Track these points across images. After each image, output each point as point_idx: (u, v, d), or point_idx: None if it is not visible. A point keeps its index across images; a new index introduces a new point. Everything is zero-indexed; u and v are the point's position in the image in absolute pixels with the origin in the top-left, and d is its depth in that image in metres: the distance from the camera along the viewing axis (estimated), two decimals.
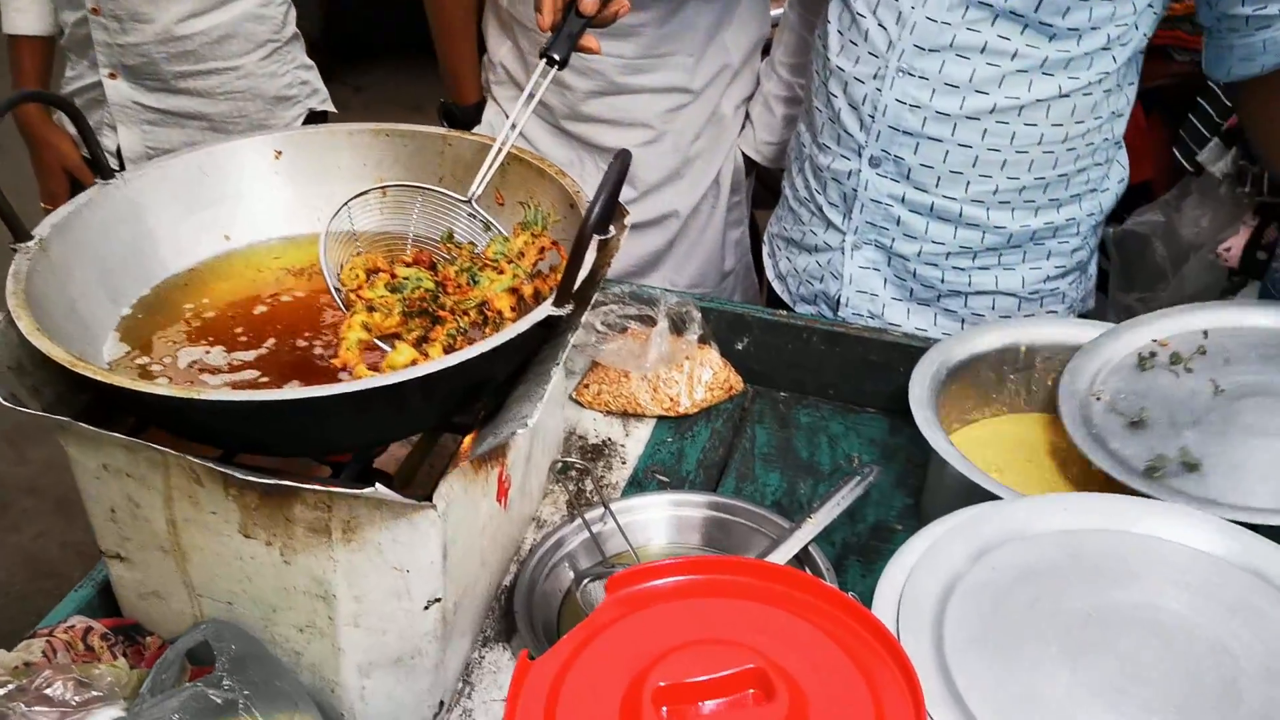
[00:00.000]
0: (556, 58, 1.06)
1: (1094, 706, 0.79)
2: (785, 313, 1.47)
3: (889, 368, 1.36)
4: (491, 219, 1.06)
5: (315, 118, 2.05)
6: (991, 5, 1.23)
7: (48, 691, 0.87)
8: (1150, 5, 1.26)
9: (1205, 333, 1.18)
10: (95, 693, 0.87)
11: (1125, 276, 1.84)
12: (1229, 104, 1.62)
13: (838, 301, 1.50)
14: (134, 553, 0.95)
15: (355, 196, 1.02)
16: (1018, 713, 0.79)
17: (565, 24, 1.06)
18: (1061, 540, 0.93)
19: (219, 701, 0.84)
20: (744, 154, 1.77)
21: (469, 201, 1.05)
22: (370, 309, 0.93)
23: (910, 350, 1.32)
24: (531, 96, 1.07)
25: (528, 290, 0.97)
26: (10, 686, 0.86)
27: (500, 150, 1.04)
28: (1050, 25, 1.23)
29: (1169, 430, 1.08)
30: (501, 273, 0.96)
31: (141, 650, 0.98)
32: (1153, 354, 1.18)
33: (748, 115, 1.75)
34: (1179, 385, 1.13)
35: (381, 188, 1.06)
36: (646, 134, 1.67)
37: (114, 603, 1.02)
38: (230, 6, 1.83)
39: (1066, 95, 1.28)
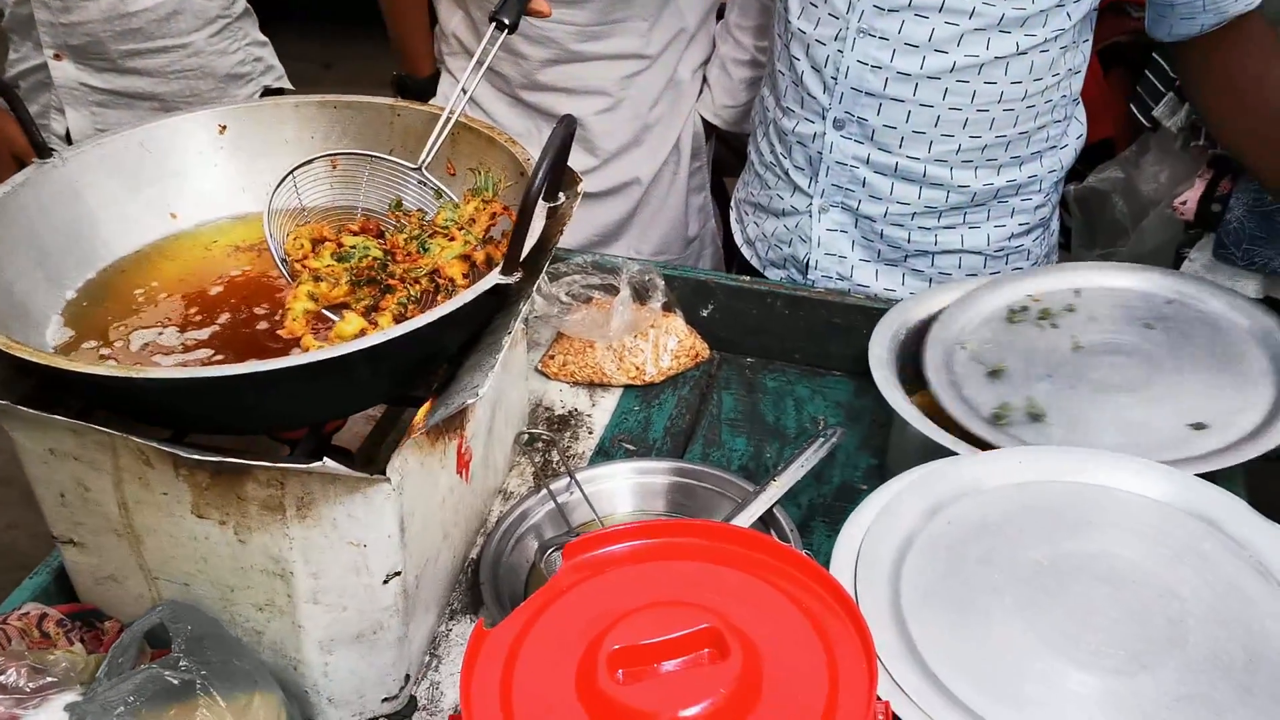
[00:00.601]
0: (505, 21, 1.04)
1: (1047, 654, 0.80)
2: (748, 278, 1.47)
3: (853, 330, 1.36)
4: (442, 186, 1.04)
5: (271, 95, 2.01)
6: None
7: (1, 679, 0.86)
8: None
9: (1077, 291, 1.22)
10: (50, 679, 0.87)
11: (1087, 233, 1.85)
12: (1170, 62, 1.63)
13: (806, 264, 1.50)
14: (87, 537, 0.94)
15: (300, 165, 1.00)
16: (972, 663, 0.80)
17: None
18: (1014, 493, 0.94)
19: (175, 683, 0.83)
20: (703, 119, 1.76)
21: (418, 169, 1.04)
22: (316, 279, 0.92)
23: (873, 312, 1.32)
24: (481, 63, 1.06)
25: (480, 257, 0.96)
26: None
27: (450, 117, 1.03)
28: None
29: (1023, 381, 1.12)
30: (452, 239, 0.95)
31: (100, 635, 0.97)
32: (1024, 308, 1.22)
33: (705, 80, 1.74)
34: (1041, 339, 1.17)
35: (328, 156, 1.04)
36: (604, 101, 1.65)
37: (71, 589, 1.01)
38: None
39: (1024, 53, 1.28)
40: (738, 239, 1.63)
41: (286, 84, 2.05)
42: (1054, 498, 0.94)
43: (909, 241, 1.43)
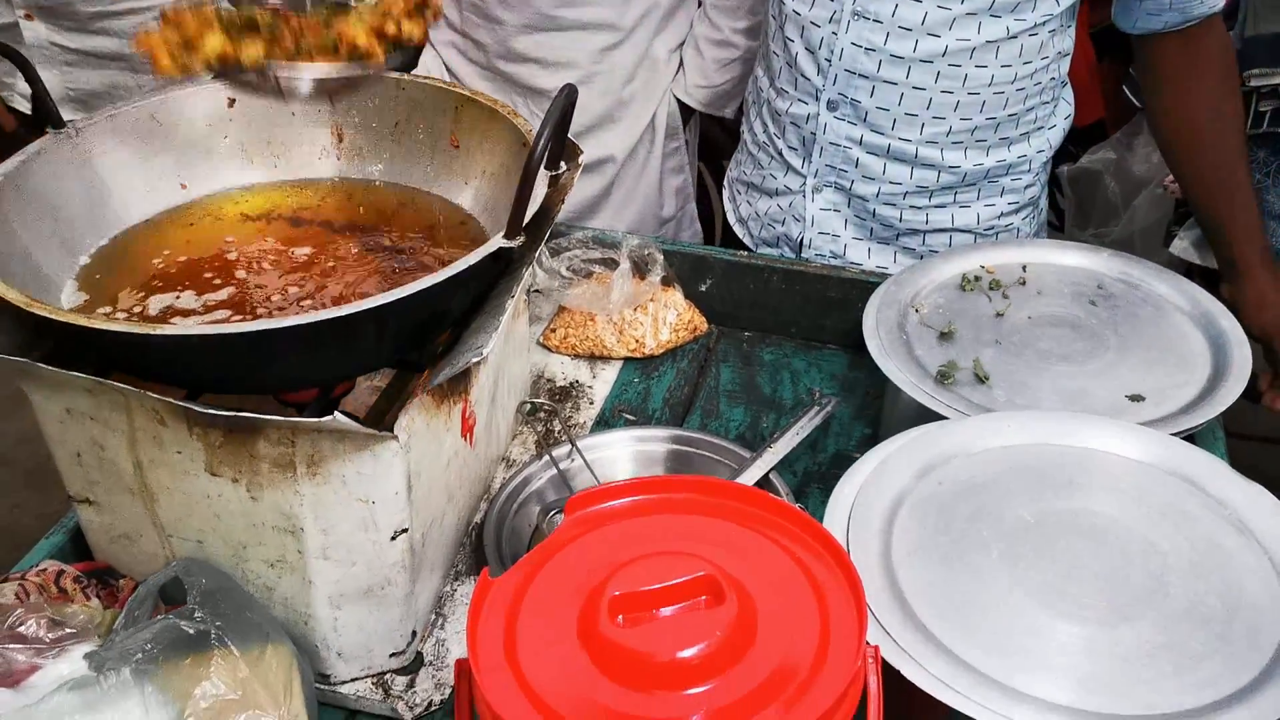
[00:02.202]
0: None
1: (1031, 605, 0.83)
2: (746, 253, 1.49)
3: (848, 304, 1.38)
4: None
5: None
6: None
7: (21, 629, 0.89)
8: None
9: (1024, 266, 1.28)
10: (69, 630, 0.90)
11: (1081, 213, 1.88)
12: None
13: (800, 244, 1.52)
14: (102, 496, 0.97)
15: None
16: (958, 613, 0.83)
17: None
18: (1003, 455, 0.97)
19: (191, 632, 0.86)
20: (679, 100, 1.78)
21: None
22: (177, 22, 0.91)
23: (867, 286, 1.34)
24: None
25: (390, 28, 0.94)
26: None
27: None
28: None
29: (971, 346, 1.16)
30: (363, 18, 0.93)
31: (115, 593, 1.00)
32: (977, 278, 1.26)
33: (682, 60, 1.77)
34: (991, 308, 1.22)
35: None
36: (577, 74, 1.68)
37: (85, 547, 1.04)
38: None
39: (1014, 37, 1.31)
40: (730, 218, 1.66)
41: None
42: (1040, 459, 0.97)
43: (901, 220, 1.46)
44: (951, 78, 1.33)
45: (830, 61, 1.37)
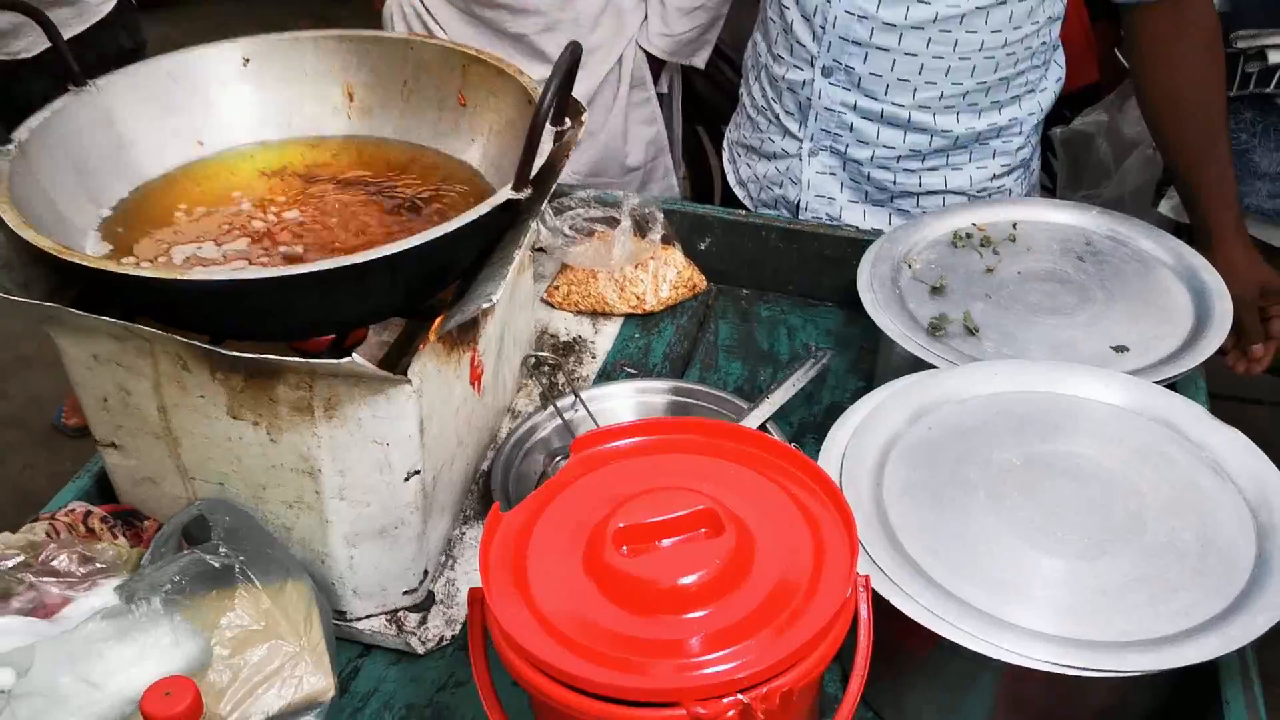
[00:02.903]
0: None
1: (1016, 541, 0.87)
2: (744, 212, 1.53)
3: (843, 261, 1.42)
4: None
5: (123, 5, 2.15)
6: None
7: (54, 564, 0.93)
8: None
9: (1014, 224, 1.31)
10: (99, 565, 0.94)
11: (1072, 175, 1.91)
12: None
13: (797, 206, 1.55)
14: (127, 440, 1.01)
15: None
16: (946, 548, 0.87)
17: None
18: (991, 402, 1.01)
19: (217, 566, 0.90)
20: (645, 50, 1.84)
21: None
22: None
23: (862, 244, 1.37)
24: None
25: None
26: (18, 559, 0.92)
27: None
28: None
29: (962, 299, 1.20)
30: None
31: (139, 533, 1.04)
32: (968, 235, 1.30)
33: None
34: (981, 264, 1.26)
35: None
36: (542, 21, 1.75)
37: (110, 491, 1.08)
38: None
39: (1003, 2, 1.34)
40: (730, 180, 1.69)
41: None
42: (1027, 405, 1.01)
43: (895, 183, 1.49)
44: (942, 43, 1.36)
45: (824, 29, 1.39)
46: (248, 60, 1.14)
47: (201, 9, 4.97)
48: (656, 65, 1.86)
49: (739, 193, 1.66)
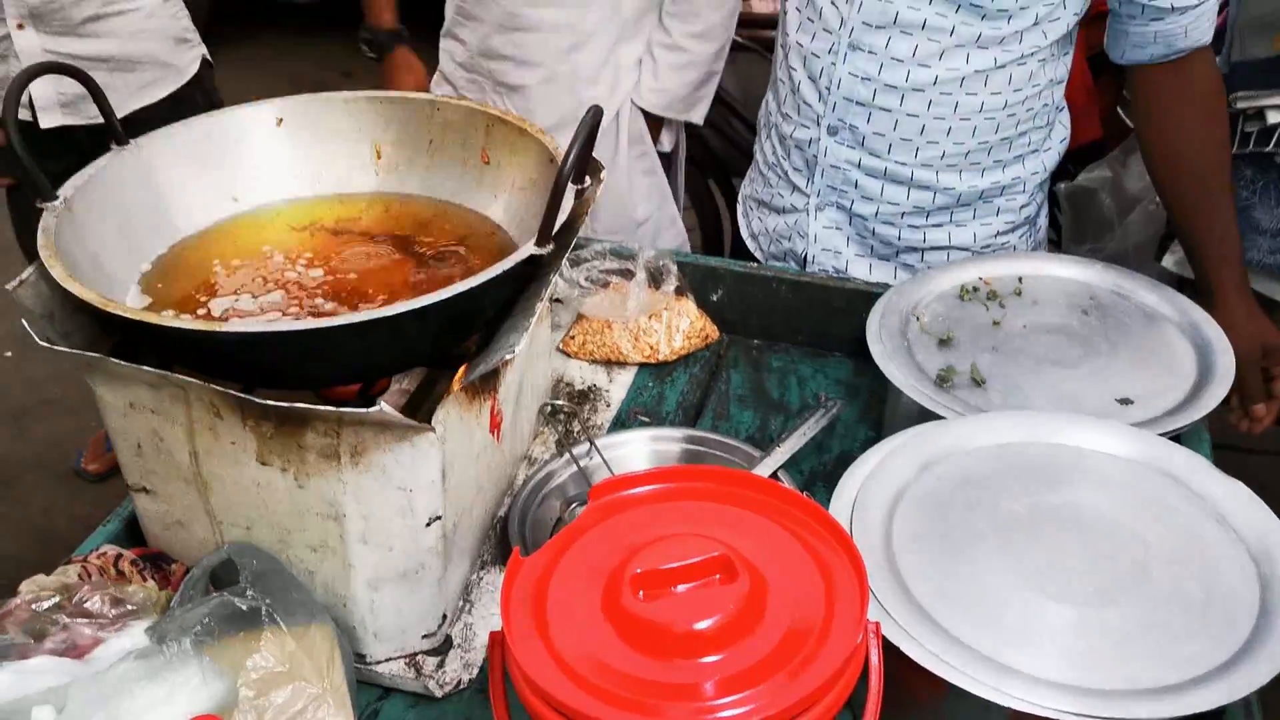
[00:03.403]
0: None
1: (1023, 589, 0.90)
2: (756, 264, 1.57)
3: (852, 313, 1.45)
4: None
5: (205, 65, 2.21)
6: None
7: (87, 605, 0.96)
8: None
9: (1020, 278, 1.35)
10: (130, 606, 0.97)
11: (1077, 229, 1.94)
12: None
13: (805, 259, 1.59)
14: (158, 485, 1.04)
15: None
16: (954, 595, 0.89)
17: None
18: (998, 452, 1.04)
19: (244, 609, 0.93)
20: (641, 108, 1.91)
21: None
22: None
23: (871, 296, 1.41)
24: None
25: None
26: (53, 600, 0.95)
27: None
28: (981, 6, 1.33)
29: (969, 351, 1.23)
30: None
31: (167, 576, 1.07)
32: (975, 289, 1.34)
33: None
34: (988, 317, 1.30)
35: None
36: (543, 72, 1.82)
37: (140, 535, 1.11)
38: None
39: (1002, 67, 1.38)
40: (743, 233, 1.73)
41: (208, 56, 2.24)
42: (1033, 456, 1.03)
43: (899, 239, 1.54)
44: (943, 105, 1.41)
45: (830, 89, 1.45)
46: (281, 120, 1.19)
47: (231, 60, 5.09)
48: (656, 123, 1.93)
49: (750, 245, 1.71)
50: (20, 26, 1.90)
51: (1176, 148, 1.40)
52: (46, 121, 1.99)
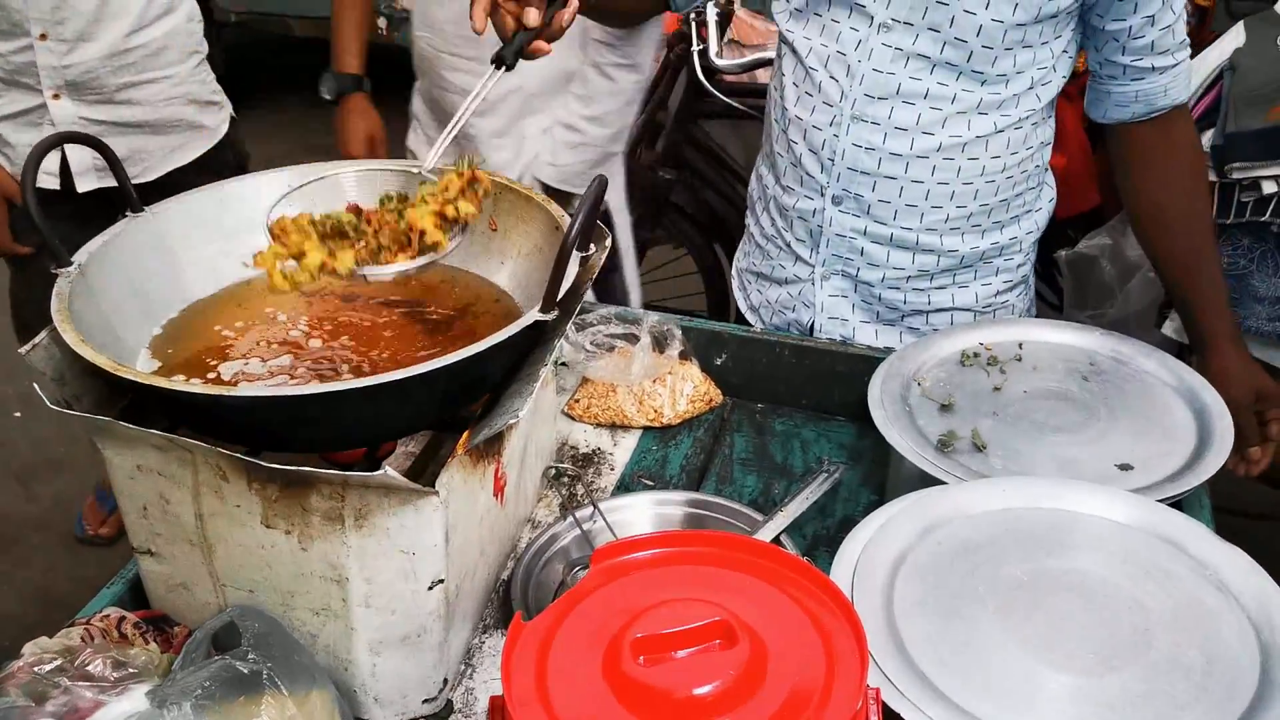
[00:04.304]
0: (507, 62, 1.18)
1: (1023, 656, 0.89)
2: (759, 329, 1.58)
3: (854, 377, 1.46)
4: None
5: (233, 124, 2.29)
6: (929, 57, 1.37)
7: (89, 669, 0.96)
8: (1065, 52, 1.41)
9: (1020, 344, 1.36)
10: (132, 670, 0.97)
11: (1078, 295, 1.96)
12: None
13: (811, 328, 1.61)
14: (163, 547, 1.05)
15: (308, 182, 1.15)
16: (955, 662, 0.89)
17: (515, 37, 1.17)
18: (999, 518, 1.04)
19: (245, 672, 0.93)
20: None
21: (421, 171, 1.16)
22: (284, 233, 1.06)
23: (872, 361, 1.42)
24: (480, 96, 1.19)
25: (451, 212, 1.09)
26: (55, 664, 0.96)
27: (458, 122, 1.15)
28: (981, 73, 1.38)
29: (970, 417, 1.24)
30: (426, 202, 1.09)
31: (170, 639, 1.08)
32: (976, 354, 1.35)
33: None
34: (989, 382, 1.31)
35: (337, 173, 1.17)
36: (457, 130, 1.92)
37: (143, 597, 1.11)
38: (164, 21, 2.02)
39: (1001, 131, 1.42)
40: (741, 306, 1.75)
41: (234, 114, 2.32)
42: (1034, 521, 1.04)
43: (905, 303, 1.55)
44: (946, 170, 1.44)
45: (833, 161, 1.47)
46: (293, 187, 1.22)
47: (249, 119, 5.19)
48: (563, 195, 2.03)
49: (751, 318, 1.72)
50: (56, 96, 1.96)
51: (1160, 201, 1.44)
52: (83, 186, 2.05)
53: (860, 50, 1.40)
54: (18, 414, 3.30)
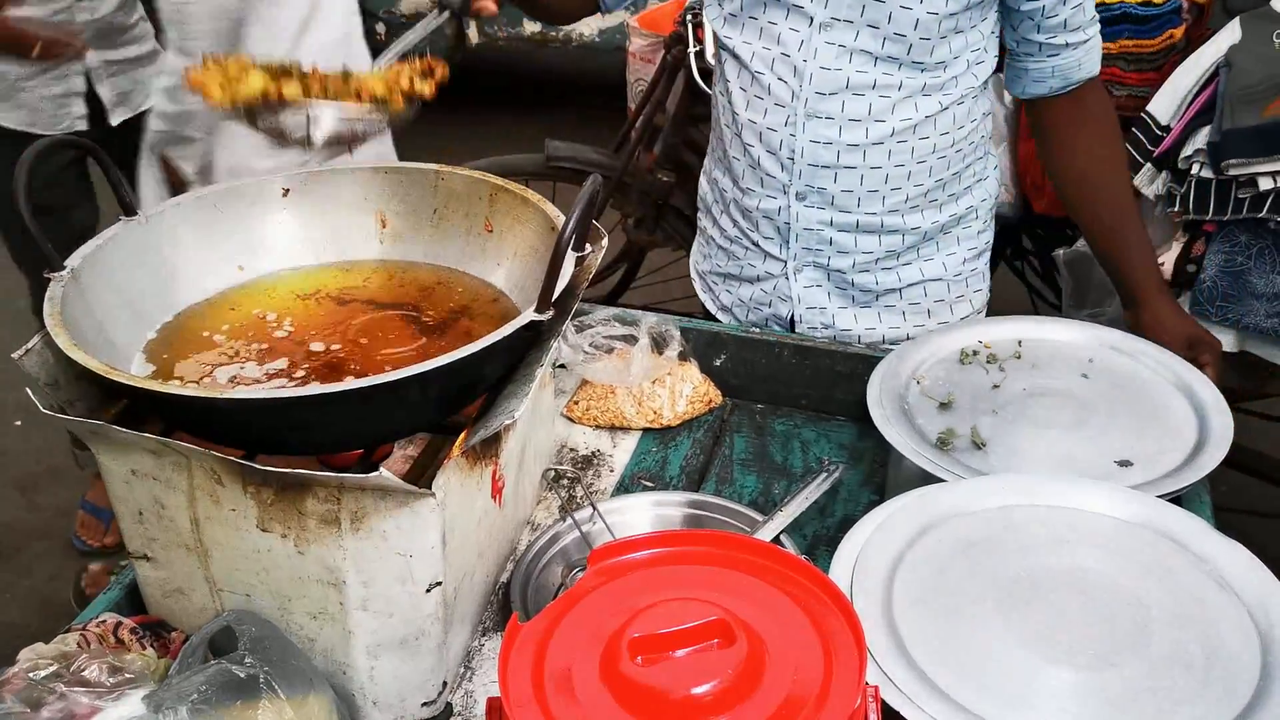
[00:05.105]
0: (453, 5, 1.17)
1: (1023, 652, 0.89)
2: (758, 330, 1.58)
3: (854, 377, 1.46)
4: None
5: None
6: (871, 52, 1.41)
7: (85, 674, 0.96)
8: (993, 32, 1.47)
9: (1019, 341, 1.36)
10: (128, 675, 0.97)
11: (1077, 294, 1.96)
12: (1159, 132, 1.78)
13: (792, 320, 1.61)
14: (159, 552, 1.04)
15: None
16: (954, 659, 0.88)
17: None
18: (998, 515, 1.04)
19: (242, 676, 0.92)
20: None
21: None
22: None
23: (872, 360, 1.42)
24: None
25: (404, 85, 1.09)
26: (51, 669, 0.95)
27: (399, 48, 1.15)
28: (921, 62, 1.42)
29: (969, 415, 1.24)
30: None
31: (166, 644, 1.07)
32: (975, 352, 1.35)
33: None
34: (988, 380, 1.31)
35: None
36: None
37: (140, 602, 1.11)
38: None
39: (946, 109, 1.47)
40: (710, 307, 1.75)
41: None
42: (1033, 518, 1.03)
43: (877, 284, 1.57)
44: (902, 152, 1.47)
45: (793, 159, 1.49)
46: (287, 191, 1.22)
47: None
48: None
49: (723, 318, 1.72)
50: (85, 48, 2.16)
51: (1082, 167, 1.51)
52: (116, 119, 2.34)
53: (804, 50, 1.42)
54: (18, 422, 3.29)
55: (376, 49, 2.26)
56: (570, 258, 1.03)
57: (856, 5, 1.38)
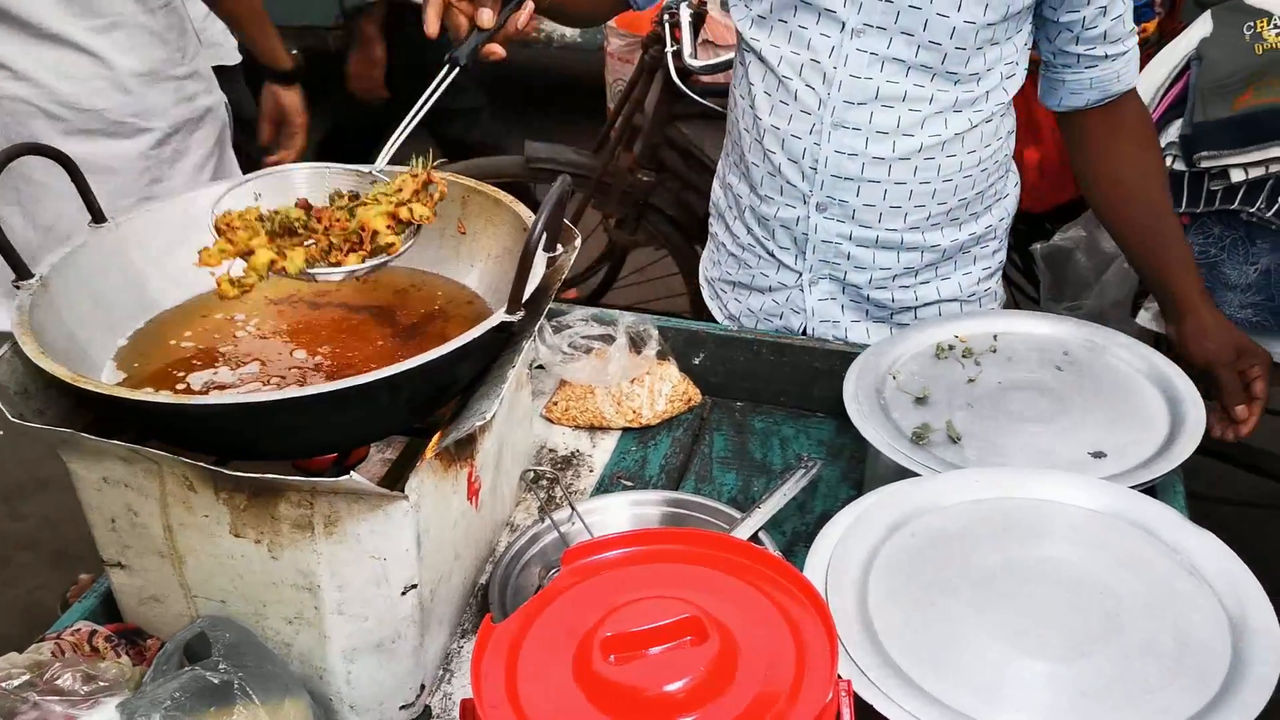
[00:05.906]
0: (461, 61, 1.16)
1: (997, 644, 0.89)
2: (736, 328, 1.58)
3: (833, 374, 1.46)
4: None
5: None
6: (904, 60, 1.38)
7: (58, 683, 0.95)
8: (1026, 45, 1.44)
9: (995, 335, 1.36)
10: (102, 683, 0.96)
11: (1054, 287, 1.97)
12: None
13: (803, 333, 1.60)
14: (133, 560, 1.04)
15: (256, 177, 1.12)
16: (928, 652, 0.89)
17: (470, 36, 1.16)
18: (971, 508, 1.04)
19: (216, 682, 0.92)
20: None
21: (372, 172, 1.14)
22: (231, 229, 1.04)
23: (850, 357, 1.42)
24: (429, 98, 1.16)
25: (405, 214, 1.06)
26: (24, 678, 0.95)
27: (410, 121, 1.13)
28: (955, 73, 1.38)
29: (945, 409, 1.25)
30: (379, 202, 1.06)
31: (142, 652, 1.07)
32: (950, 347, 1.36)
33: None
34: (964, 374, 1.31)
35: (288, 171, 1.15)
36: None
37: (116, 611, 1.10)
38: None
39: (975, 126, 1.44)
40: (718, 315, 1.73)
41: None
42: (1006, 511, 1.04)
43: (893, 301, 1.56)
44: (928, 169, 1.44)
45: (816, 169, 1.46)
46: (259, 195, 1.21)
47: None
48: None
49: (732, 327, 1.71)
50: None
51: (1119, 175, 1.46)
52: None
53: (835, 56, 1.39)
54: (1, 432, 3.27)
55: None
56: (541, 258, 1.03)
57: (891, 11, 1.34)
